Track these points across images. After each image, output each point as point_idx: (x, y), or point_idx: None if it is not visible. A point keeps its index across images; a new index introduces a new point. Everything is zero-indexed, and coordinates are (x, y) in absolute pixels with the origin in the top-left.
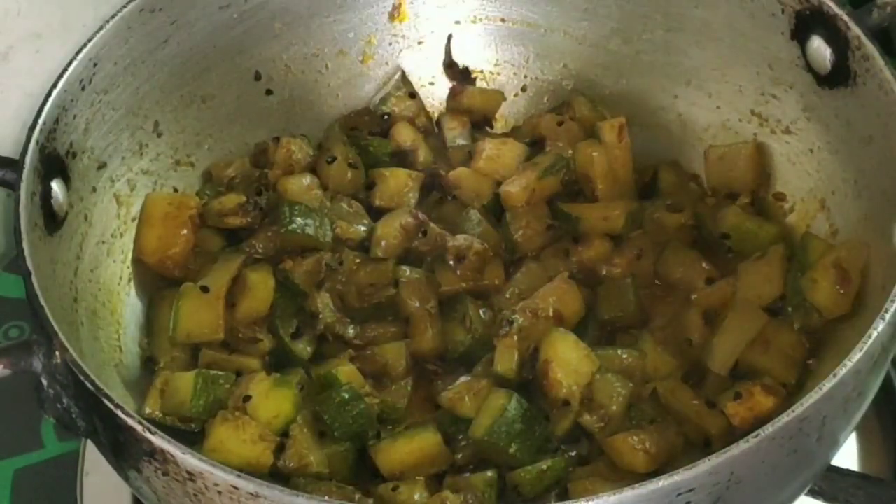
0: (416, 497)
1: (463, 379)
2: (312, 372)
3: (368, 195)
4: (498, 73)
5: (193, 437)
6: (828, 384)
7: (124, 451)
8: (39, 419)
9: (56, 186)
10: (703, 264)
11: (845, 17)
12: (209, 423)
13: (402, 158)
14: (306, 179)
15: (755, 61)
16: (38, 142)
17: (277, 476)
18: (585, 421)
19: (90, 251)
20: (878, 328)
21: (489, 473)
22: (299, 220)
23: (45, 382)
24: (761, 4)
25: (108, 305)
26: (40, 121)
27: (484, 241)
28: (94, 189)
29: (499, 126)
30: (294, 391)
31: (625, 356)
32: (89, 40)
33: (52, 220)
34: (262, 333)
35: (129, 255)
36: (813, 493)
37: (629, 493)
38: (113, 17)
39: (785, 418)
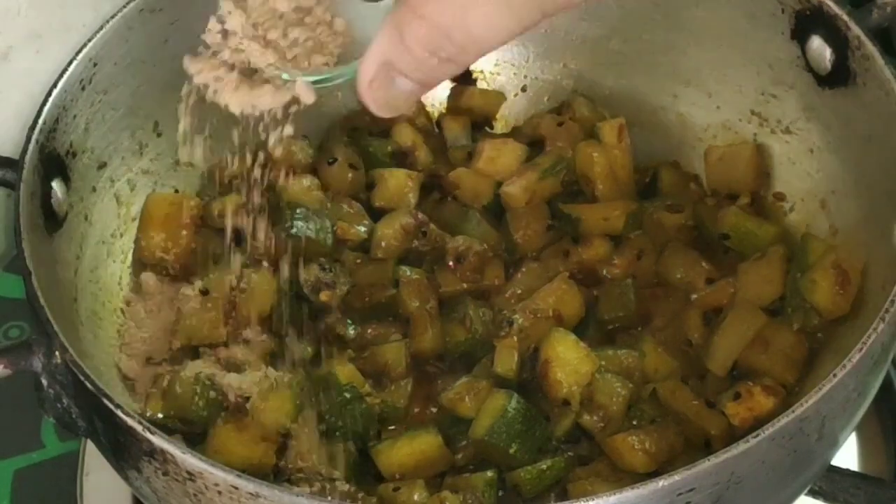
0: (416, 497)
1: (463, 379)
2: (312, 372)
3: (369, 196)
4: (498, 73)
5: (195, 439)
6: (828, 384)
7: (124, 451)
8: (39, 419)
9: (56, 186)
10: (703, 264)
11: (845, 17)
12: (211, 425)
13: (402, 159)
14: (307, 180)
15: (755, 61)
16: (38, 142)
17: (279, 476)
18: (585, 421)
19: (90, 251)
20: (878, 328)
21: (489, 473)
22: (300, 224)
23: (45, 382)
24: (761, 4)
25: (108, 305)
26: (40, 121)
27: (484, 242)
28: (94, 189)
29: (499, 126)
30: (295, 391)
31: (625, 356)
32: (89, 40)
33: (52, 220)
34: (263, 334)
35: (129, 255)
36: (813, 493)
37: (629, 493)
38: (113, 17)
39: (785, 418)
